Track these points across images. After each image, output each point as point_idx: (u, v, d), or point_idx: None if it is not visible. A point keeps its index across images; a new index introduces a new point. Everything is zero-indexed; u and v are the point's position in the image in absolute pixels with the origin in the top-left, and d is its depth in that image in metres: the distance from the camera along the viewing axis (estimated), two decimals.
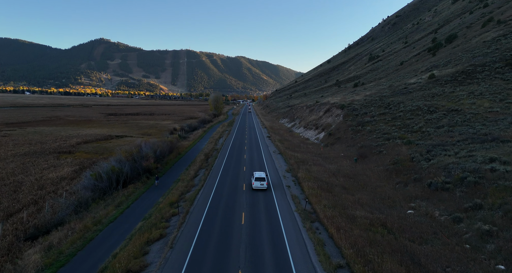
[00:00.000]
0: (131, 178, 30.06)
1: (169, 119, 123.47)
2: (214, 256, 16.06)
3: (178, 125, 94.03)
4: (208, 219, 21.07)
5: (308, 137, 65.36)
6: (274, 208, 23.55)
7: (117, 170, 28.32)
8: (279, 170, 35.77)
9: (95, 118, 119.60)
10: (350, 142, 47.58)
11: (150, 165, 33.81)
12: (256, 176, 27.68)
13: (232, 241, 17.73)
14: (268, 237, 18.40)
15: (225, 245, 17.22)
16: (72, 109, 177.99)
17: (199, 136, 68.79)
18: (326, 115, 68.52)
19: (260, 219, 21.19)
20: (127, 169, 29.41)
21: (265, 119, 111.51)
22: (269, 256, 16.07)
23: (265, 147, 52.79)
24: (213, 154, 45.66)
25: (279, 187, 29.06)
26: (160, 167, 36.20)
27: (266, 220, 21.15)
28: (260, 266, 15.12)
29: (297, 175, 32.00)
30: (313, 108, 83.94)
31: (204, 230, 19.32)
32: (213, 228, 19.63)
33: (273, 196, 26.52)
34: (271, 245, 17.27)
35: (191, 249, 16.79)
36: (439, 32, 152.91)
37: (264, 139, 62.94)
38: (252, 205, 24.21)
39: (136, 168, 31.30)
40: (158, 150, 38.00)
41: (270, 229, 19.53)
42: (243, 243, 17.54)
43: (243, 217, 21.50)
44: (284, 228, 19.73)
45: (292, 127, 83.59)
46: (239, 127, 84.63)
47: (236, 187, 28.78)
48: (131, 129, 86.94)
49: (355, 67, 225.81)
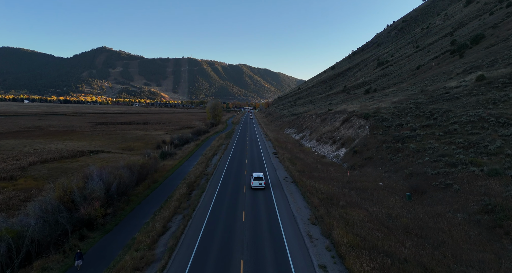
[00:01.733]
0: (47, 244, 17.19)
1: (162, 129, 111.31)
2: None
3: (169, 137, 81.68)
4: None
5: (324, 153, 52.63)
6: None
7: (14, 233, 15.68)
8: (298, 218, 22.56)
9: (80, 128, 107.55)
10: (389, 165, 34.78)
11: (92, 213, 21.11)
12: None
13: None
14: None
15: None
16: (61, 118, 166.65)
17: (189, 152, 56.17)
18: (345, 127, 55.97)
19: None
20: (38, 229, 16.71)
21: (268, 130, 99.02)
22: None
23: (272, 170, 39.82)
24: (200, 183, 32.81)
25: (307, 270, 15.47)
26: (112, 214, 23.27)
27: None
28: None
29: (332, 234, 19.00)
30: (325, 117, 71.53)
31: None
32: None
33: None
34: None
35: None
36: (455, 34, 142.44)
37: (269, 156, 50.13)
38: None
39: (60, 223, 18.49)
40: (115, 183, 25.30)
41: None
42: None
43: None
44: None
45: (302, 140, 70.96)
46: (238, 140, 72.07)
47: (229, 267, 15.71)
48: (113, 142, 74.60)
49: (362, 73, 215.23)
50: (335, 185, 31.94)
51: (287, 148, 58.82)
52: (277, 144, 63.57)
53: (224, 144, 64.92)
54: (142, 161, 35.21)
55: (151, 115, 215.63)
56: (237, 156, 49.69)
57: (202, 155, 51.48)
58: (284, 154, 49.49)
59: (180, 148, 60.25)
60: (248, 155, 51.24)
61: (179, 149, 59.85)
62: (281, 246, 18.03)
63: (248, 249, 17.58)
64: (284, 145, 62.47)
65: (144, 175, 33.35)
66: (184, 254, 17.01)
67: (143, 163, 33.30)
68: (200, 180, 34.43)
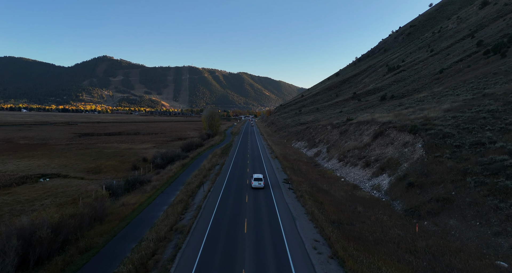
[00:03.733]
0: None
1: (151, 142, 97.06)
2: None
3: (155, 152, 67.31)
4: None
5: (355, 181, 37.93)
6: None
7: None
8: None
9: (55, 141, 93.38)
10: (496, 220, 20.07)
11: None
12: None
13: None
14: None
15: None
16: (46, 128, 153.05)
17: (169, 178, 41.35)
18: (379, 143, 41.48)
19: None
20: None
21: (273, 142, 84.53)
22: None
23: (288, 222, 23.99)
24: (162, 259, 18.01)
25: None
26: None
27: None
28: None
29: None
30: (345, 129, 57.17)
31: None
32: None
33: None
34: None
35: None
36: (477, 36, 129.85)
37: (280, 189, 34.96)
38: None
39: None
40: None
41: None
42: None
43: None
44: None
45: (317, 158, 56.34)
46: (237, 158, 57.53)
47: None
48: (82, 160, 60.16)
49: (370, 79, 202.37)
50: (408, 262, 17.17)
51: (301, 171, 44.15)
52: (287, 164, 48.98)
53: (218, 164, 50.30)
54: (70, 211, 20.61)
55: (145, 125, 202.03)
56: (233, 188, 34.76)
57: (184, 183, 36.71)
58: (301, 184, 34.80)
59: (158, 171, 45.57)
60: (250, 184, 36.49)
61: (157, 172, 45.21)
62: None
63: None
64: (297, 166, 47.84)
65: (71, 234, 18.71)
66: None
67: (62, 220, 18.64)
68: (167, 244, 19.68)
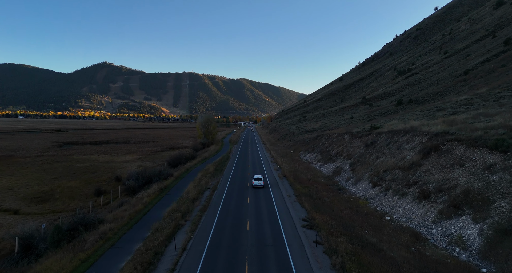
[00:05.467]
0: None
1: (137, 152, 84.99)
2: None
3: (139, 164, 55.19)
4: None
5: (411, 223, 25.62)
6: None
7: None
8: None
9: (24, 153, 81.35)
10: None
11: None
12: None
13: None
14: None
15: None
16: (28, 136, 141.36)
17: (132, 215, 28.60)
18: (436, 163, 29.41)
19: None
20: None
21: (277, 154, 72.33)
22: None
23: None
24: None
25: None
26: None
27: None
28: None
29: None
30: (372, 140, 45.16)
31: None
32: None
33: None
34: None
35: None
36: (498, 35, 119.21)
37: (301, 242, 22.12)
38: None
39: None
40: None
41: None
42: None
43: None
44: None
45: (337, 177, 44.03)
46: (234, 177, 45.20)
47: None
48: (39, 179, 47.97)
49: (378, 83, 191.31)
50: None
51: (323, 201, 31.86)
52: (300, 187, 36.75)
53: (208, 187, 37.98)
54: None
55: (139, 132, 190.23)
56: (225, 243, 21.76)
57: (152, 228, 24.18)
58: (333, 232, 22.52)
59: (122, 202, 33.12)
60: (252, 230, 23.90)
61: (121, 203, 32.80)
62: None
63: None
64: (314, 191, 35.58)
65: None
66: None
67: None
68: None
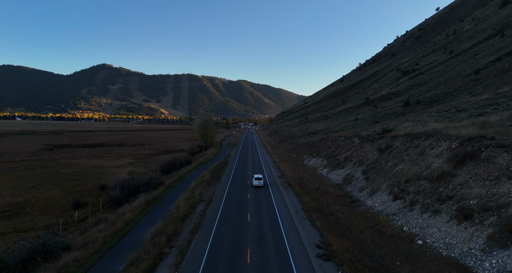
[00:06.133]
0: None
1: (130, 156, 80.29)
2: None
3: (130, 170, 50.59)
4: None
5: (452, 251, 20.86)
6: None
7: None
8: None
9: (9, 157, 76.55)
10: None
11: None
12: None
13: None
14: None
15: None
16: (20, 139, 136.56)
17: (107, 239, 23.40)
18: (474, 174, 24.81)
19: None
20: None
21: (280, 158, 67.66)
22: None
23: None
24: None
25: None
26: None
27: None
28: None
29: None
30: (387, 144, 40.61)
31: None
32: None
33: None
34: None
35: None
36: (507, 34, 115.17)
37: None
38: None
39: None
40: None
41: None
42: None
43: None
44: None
45: (349, 186, 39.38)
46: (233, 187, 40.47)
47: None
48: (15, 188, 43.26)
49: (380, 84, 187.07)
50: None
51: (337, 219, 27.19)
52: (308, 200, 32.08)
53: (203, 200, 33.29)
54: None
55: (136, 134, 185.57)
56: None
57: (126, 264, 18.72)
58: (360, 269, 17.84)
59: (105, 218, 28.41)
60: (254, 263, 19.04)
61: (101, 220, 28.10)
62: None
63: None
64: (326, 204, 30.92)
65: None
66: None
67: None
68: None
